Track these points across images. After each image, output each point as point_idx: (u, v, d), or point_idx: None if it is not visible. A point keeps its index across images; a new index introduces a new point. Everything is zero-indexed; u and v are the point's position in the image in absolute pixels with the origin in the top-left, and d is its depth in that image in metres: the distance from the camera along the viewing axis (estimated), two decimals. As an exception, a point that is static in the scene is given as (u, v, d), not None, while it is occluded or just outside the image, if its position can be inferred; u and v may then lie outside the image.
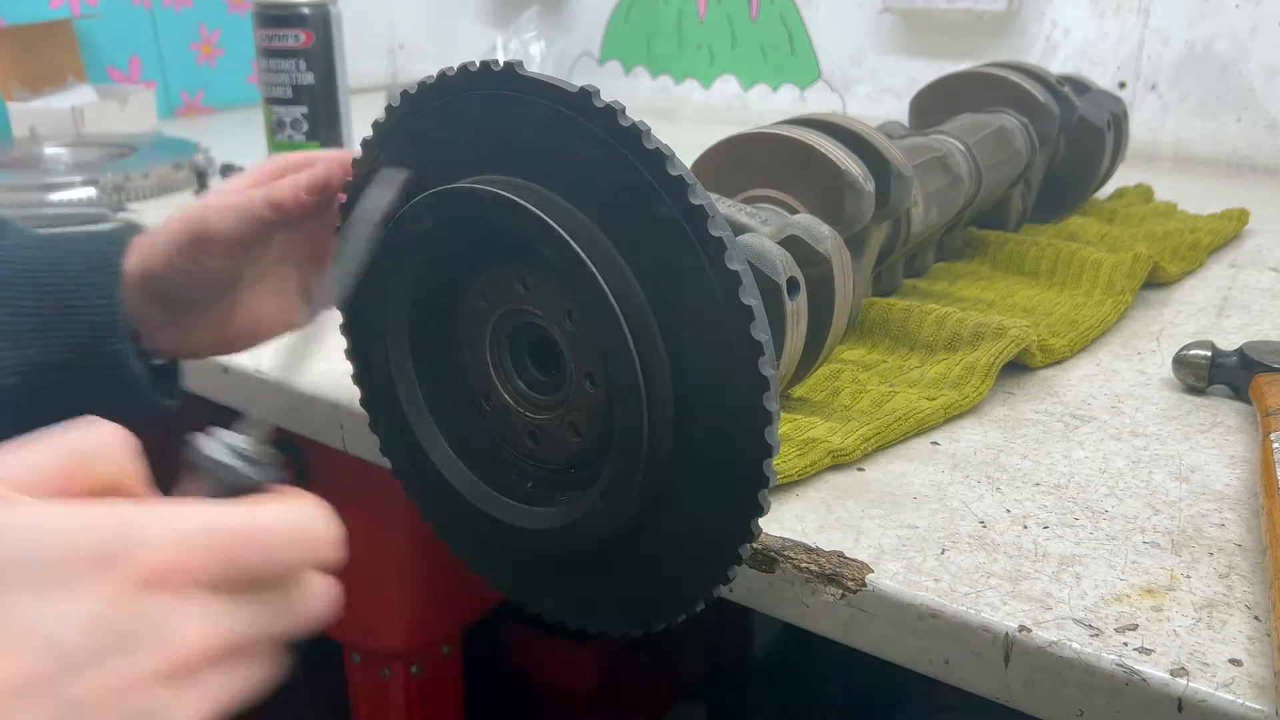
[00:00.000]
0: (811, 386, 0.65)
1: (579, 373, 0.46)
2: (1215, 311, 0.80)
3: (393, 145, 0.48)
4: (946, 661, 0.45)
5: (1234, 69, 1.29)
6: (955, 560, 0.48)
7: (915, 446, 0.59)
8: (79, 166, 1.26)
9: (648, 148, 0.40)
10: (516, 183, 0.44)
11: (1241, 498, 0.53)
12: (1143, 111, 1.35)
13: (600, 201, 0.42)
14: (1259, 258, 0.94)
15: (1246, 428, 0.61)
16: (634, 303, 0.41)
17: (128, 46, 1.64)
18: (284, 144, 0.93)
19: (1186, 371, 0.66)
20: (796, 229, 0.54)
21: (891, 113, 1.43)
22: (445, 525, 0.54)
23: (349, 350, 0.55)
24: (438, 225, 0.46)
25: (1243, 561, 0.47)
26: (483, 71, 0.43)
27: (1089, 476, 0.55)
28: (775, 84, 1.65)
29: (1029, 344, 0.67)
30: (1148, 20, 1.33)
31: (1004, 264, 0.87)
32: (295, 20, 0.88)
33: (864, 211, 0.63)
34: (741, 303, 0.40)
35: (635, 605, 0.48)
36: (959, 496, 0.53)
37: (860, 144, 0.66)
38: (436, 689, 0.90)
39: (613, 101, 0.40)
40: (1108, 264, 0.81)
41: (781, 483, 0.53)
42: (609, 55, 1.80)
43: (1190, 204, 1.07)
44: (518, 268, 0.46)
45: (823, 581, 0.47)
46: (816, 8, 1.57)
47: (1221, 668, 0.40)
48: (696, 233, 0.40)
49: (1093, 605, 0.44)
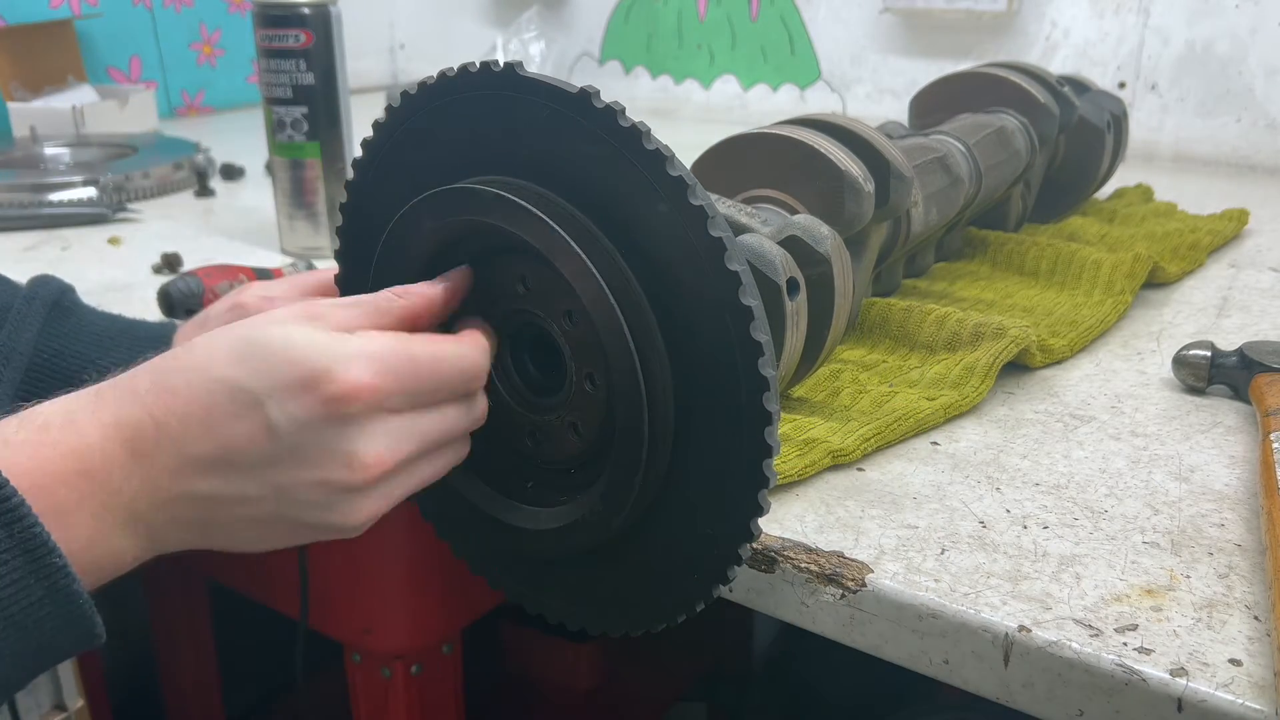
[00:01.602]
0: (811, 386, 0.65)
1: (579, 373, 0.46)
2: (1215, 311, 0.80)
3: (393, 145, 0.48)
4: (946, 661, 0.45)
5: (1234, 69, 1.29)
6: (955, 560, 0.48)
7: (915, 446, 0.59)
8: (79, 166, 1.26)
9: (648, 148, 0.40)
10: (516, 183, 0.44)
11: (1241, 498, 0.53)
12: (1143, 111, 1.35)
13: (600, 202, 0.42)
14: (1259, 258, 0.94)
15: (1246, 428, 0.61)
16: (634, 303, 0.41)
17: (128, 46, 1.64)
18: (284, 144, 0.93)
19: (1186, 371, 0.66)
20: (796, 229, 0.54)
21: (891, 113, 1.43)
22: (446, 526, 0.54)
23: (349, 350, 0.54)
24: (438, 225, 0.46)
25: (1243, 561, 0.47)
26: (483, 72, 0.43)
27: (1089, 476, 0.55)
28: (775, 84, 1.65)
29: (1029, 344, 0.67)
30: (1148, 20, 1.33)
31: (1004, 264, 0.87)
32: (295, 20, 0.88)
33: (864, 212, 0.63)
34: (741, 303, 0.40)
35: (635, 605, 0.48)
36: (959, 496, 0.53)
37: (860, 144, 0.66)
38: (436, 689, 0.90)
39: (613, 102, 0.40)
40: (1108, 264, 0.81)
41: (781, 483, 0.53)
42: (609, 55, 1.80)
43: (1190, 204, 1.07)
44: (518, 268, 0.46)
45: (823, 581, 0.47)
46: (816, 8, 1.57)
47: (1221, 668, 0.41)
48: (696, 233, 0.40)
49: (1092, 605, 0.44)
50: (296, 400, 0.39)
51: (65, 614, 0.37)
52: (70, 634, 0.38)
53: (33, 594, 0.36)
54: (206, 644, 1.10)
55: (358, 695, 0.90)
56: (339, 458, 0.39)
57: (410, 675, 0.87)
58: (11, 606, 0.36)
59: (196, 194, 1.22)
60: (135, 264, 0.95)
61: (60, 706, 0.80)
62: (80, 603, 0.37)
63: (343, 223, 0.52)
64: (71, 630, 0.38)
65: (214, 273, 0.79)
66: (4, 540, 0.35)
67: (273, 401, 0.38)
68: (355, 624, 0.87)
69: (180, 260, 0.93)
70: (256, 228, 1.05)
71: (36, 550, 0.36)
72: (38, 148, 1.29)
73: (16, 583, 0.36)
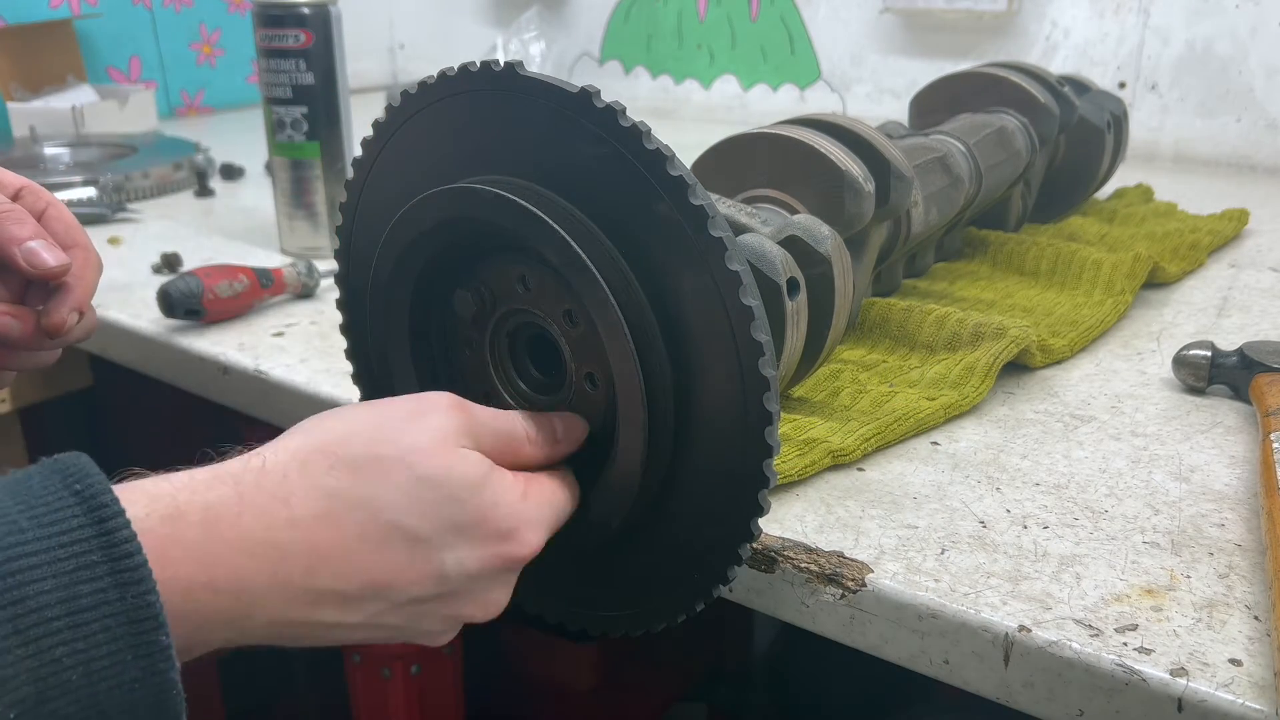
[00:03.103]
0: (811, 386, 0.65)
1: (579, 373, 0.46)
2: (1215, 311, 0.80)
3: (393, 145, 0.48)
4: (946, 661, 0.45)
5: (1234, 69, 1.29)
6: (955, 560, 0.48)
7: (915, 446, 0.59)
8: (79, 166, 1.26)
9: (648, 148, 0.40)
10: (516, 183, 0.44)
11: (1241, 498, 0.53)
12: (1143, 111, 1.35)
13: (600, 201, 0.42)
14: (1259, 258, 0.94)
15: (1246, 428, 0.61)
16: (634, 303, 0.41)
17: (128, 46, 1.64)
18: (284, 144, 0.93)
19: (1186, 371, 0.66)
20: (796, 229, 0.54)
21: (891, 113, 1.43)
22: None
23: (349, 350, 0.55)
24: (438, 225, 0.46)
25: (1243, 561, 0.47)
26: (483, 71, 0.43)
27: (1089, 476, 0.55)
28: (775, 84, 1.65)
29: (1029, 344, 0.67)
30: (1148, 20, 1.33)
31: (1004, 264, 0.87)
32: (295, 20, 0.88)
33: (864, 212, 0.63)
34: (741, 303, 0.40)
35: (635, 605, 0.48)
36: (959, 496, 0.53)
37: (860, 144, 0.66)
38: (436, 689, 0.90)
39: (613, 102, 0.40)
40: (1108, 264, 0.81)
41: (781, 483, 0.53)
42: (609, 55, 1.80)
43: (1190, 204, 1.07)
44: (518, 268, 0.46)
45: (823, 581, 0.47)
46: (816, 8, 1.57)
47: (1221, 668, 0.41)
48: (696, 233, 0.40)
49: (1093, 605, 0.44)
50: (475, 553, 0.39)
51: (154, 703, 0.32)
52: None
53: (126, 673, 0.31)
54: (206, 644, 1.10)
55: (358, 695, 0.90)
56: (486, 603, 0.41)
57: (410, 675, 0.87)
58: (100, 684, 0.30)
59: (196, 194, 1.22)
60: (135, 264, 0.95)
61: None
62: (174, 694, 0.32)
63: (343, 223, 0.52)
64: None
65: (214, 273, 0.79)
66: (114, 603, 0.30)
67: (449, 550, 0.38)
68: (355, 624, 0.87)
69: (180, 260, 0.93)
70: (256, 228, 1.05)
71: (144, 624, 0.31)
72: (37, 148, 1.29)
73: (114, 654, 0.30)
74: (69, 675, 0.30)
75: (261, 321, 0.80)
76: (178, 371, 0.78)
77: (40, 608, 0.29)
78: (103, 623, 0.30)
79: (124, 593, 0.30)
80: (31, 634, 0.29)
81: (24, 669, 0.29)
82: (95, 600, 0.30)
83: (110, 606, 0.30)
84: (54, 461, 0.33)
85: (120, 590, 0.30)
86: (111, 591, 0.30)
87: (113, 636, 0.30)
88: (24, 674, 0.29)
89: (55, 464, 0.32)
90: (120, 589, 0.30)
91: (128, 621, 0.30)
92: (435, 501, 0.38)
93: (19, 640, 0.29)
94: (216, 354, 0.74)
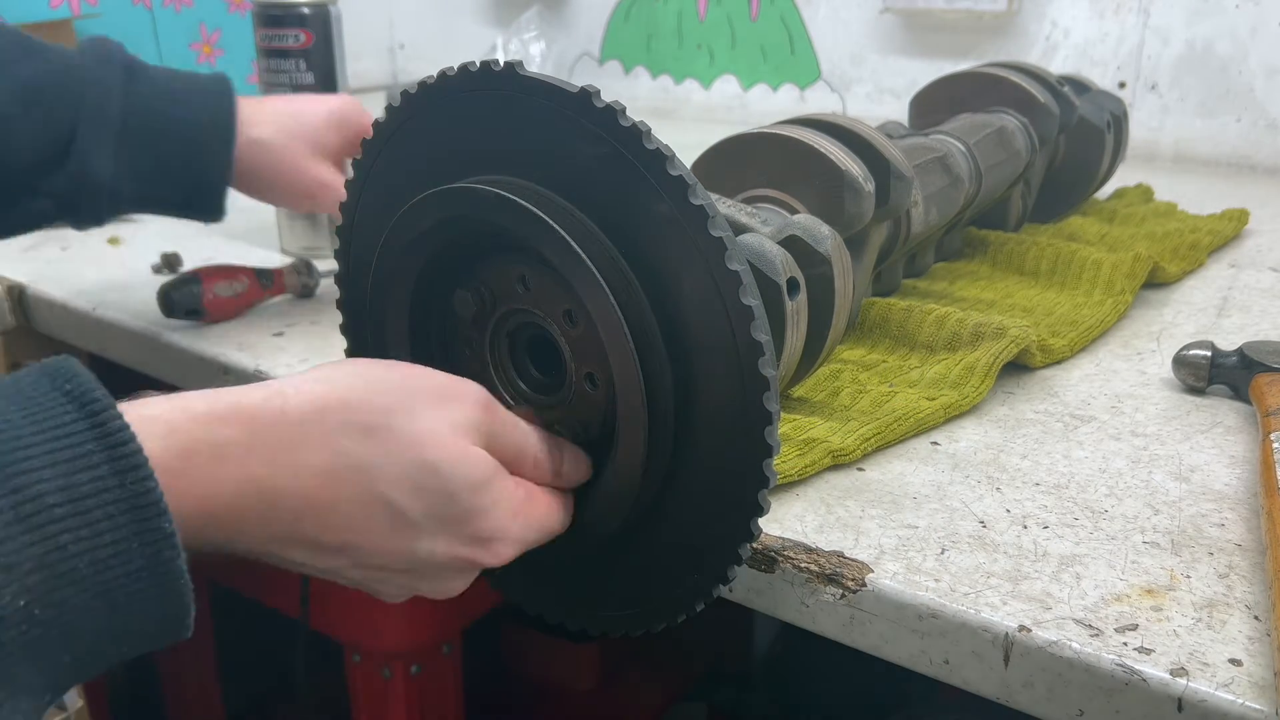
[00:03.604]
0: (811, 386, 0.65)
1: (579, 373, 0.46)
2: (1215, 311, 0.80)
3: (393, 145, 0.48)
4: (946, 661, 0.45)
5: (1234, 69, 1.29)
6: (955, 560, 0.48)
7: (915, 446, 0.59)
8: (79, 166, 1.25)
9: (648, 148, 0.40)
10: (516, 183, 0.44)
11: (1241, 498, 0.53)
12: (1143, 111, 1.35)
13: (600, 201, 0.42)
14: (1259, 258, 0.94)
15: (1246, 428, 0.61)
16: (634, 303, 0.41)
17: (128, 46, 1.63)
18: (284, 144, 0.93)
19: (1186, 371, 0.66)
20: (796, 229, 0.54)
21: (891, 113, 1.43)
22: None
23: (349, 350, 0.55)
24: (438, 225, 0.46)
25: (1243, 561, 0.47)
26: (483, 71, 0.43)
27: (1089, 476, 0.55)
28: (775, 84, 1.65)
29: (1029, 344, 0.67)
30: (1148, 20, 1.33)
31: (1004, 264, 0.87)
32: (295, 20, 0.88)
33: (864, 212, 0.63)
34: (741, 303, 0.40)
35: (635, 605, 0.48)
36: (959, 496, 0.53)
37: (860, 144, 0.66)
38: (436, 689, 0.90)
39: (613, 101, 0.40)
40: (1108, 264, 0.81)
41: (781, 483, 0.53)
42: (609, 55, 1.80)
43: (1190, 204, 1.07)
44: (518, 268, 0.46)
45: (823, 581, 0.47)
46: (816, 8, 1.57)
47: (1221, 668, 0.41)
48: (696, 233, 0.40)
49: (1093, 605, 0.44)
50: (449, 548, 0.41)
51: (161, 593, 0.32)
52: (160, 619, 0.33)
53: (133, 562, 0.31)
54: (206, 644, 1.10)
55: (358, 695, 0.90)
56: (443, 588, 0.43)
57: (410, 675, 0.87)
58: (107, 573, 0.31)
59: (196, 194, 1.22)
60: (135, 264, 0.95)
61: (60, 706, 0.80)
62: (181, 583, 0.32)
63: (343, 223, 0.52)
64: (163, 614, 0.33)
65: (214, 273, 0.79)
66: (114, 490, 0.31)
67: (428, 537, 0.40)
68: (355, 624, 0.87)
69: (180, 260, 0.93)
70: (256, 228, 1.05)
71: (146, 510, 0.31)
72: (38, 148, 1.29)
73: (119, 542, 0.31)
74: (76, 563, 0.30)
75: (261, 322, 0.80)
76: (178, 372, 0.78)
77: (41, 495, 0.30)
78: (105, 510, 0.31)
79: (123, 479, 0.31)
80: (35, 520, 0.30)
81: (30, 555, 0.29)
82: (95, 488, 0.31)
83: (110, 494, 0.31)
84: (40, 365, 0.34)
85: (119, 477, 0.31)
86: (110, 479, 0.31)
87: (116, 525, 0.31)
88: (31, 560, 0.29)
89: (43, 367, 0.34)
90: (119, 475, 0.31)
91: (130, 509, 0.31)
92: (431, 490, 0.39)
93: (23, 527, 0.29)
94: (216, 354, 0.74)
